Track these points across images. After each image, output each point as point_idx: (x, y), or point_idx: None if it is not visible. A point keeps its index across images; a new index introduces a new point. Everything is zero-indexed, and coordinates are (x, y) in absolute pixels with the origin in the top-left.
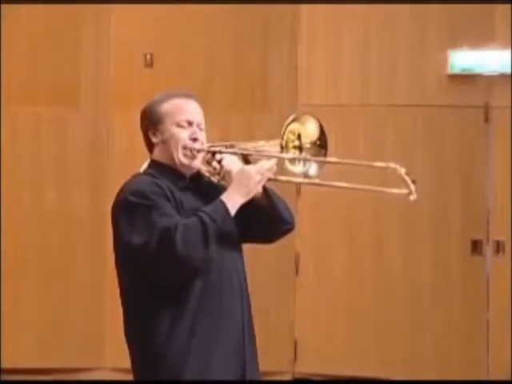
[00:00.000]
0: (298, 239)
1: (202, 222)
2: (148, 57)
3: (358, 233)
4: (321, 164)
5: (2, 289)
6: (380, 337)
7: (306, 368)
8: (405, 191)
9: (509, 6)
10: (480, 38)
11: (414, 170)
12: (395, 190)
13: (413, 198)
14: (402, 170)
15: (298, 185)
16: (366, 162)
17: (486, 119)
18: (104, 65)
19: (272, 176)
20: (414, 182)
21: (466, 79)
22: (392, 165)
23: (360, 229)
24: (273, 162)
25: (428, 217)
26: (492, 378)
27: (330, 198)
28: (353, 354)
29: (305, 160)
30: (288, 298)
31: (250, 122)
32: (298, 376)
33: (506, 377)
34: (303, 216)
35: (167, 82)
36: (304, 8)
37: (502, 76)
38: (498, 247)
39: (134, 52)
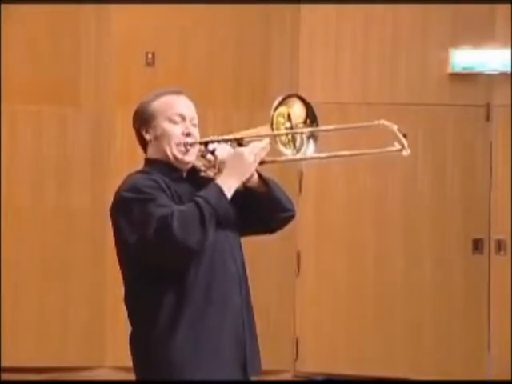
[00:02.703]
0: (299, 238)
1: (198, 206)
2: (149, 55)
3: (359, 232)
4: (314, 142)
5: (1, 287)
6: (381, 336)
7: (306, 367)
8: (397, 147)
9: (509, 5)
10: (481, 37)
11: (415, 168)
12: (388, 149)
13: (406, 153)
14: (394, 127)
15: (299, 182)
16: (356, 124)
17: (488, 118)
18: (105, 63)
19: (267, 158)
20: (404, 135)
21: (467, 78)
22: (383, 122)
23: (361, 228)
24: (266, 141)
25: (429, 215)
26: (493, 374)
27: (331, 197)
28: (354, 352)
29: (294, 133)
30: (289, 297)
31: (251, 120)
32: (298, 375)
33: (507, 374)
34: (304, 215)
35: (168, 80)
36: (305, 6)
37: (503, 75)
38: (500, 246)
39: (135, 51)
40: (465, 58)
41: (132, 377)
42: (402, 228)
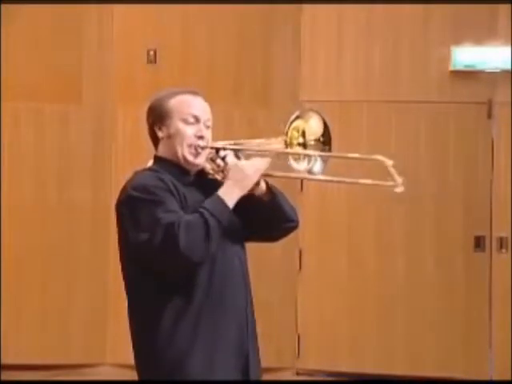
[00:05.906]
0: (301, 236)
1: (204, 219)
2: (151, 53)
3: (360, 229)
4: (325, 161)
5: (3, 284)
6: (382, 333)
7: (308, 364)
8: (391, 183)
9: (511, 3)
10: (482, 35)
11: (416, 166)
12: (381, 182)
13: (399, 190)
14: (389, 162)
15: (301, 181)
16: (353, 155)
17: (489, 115)
18: (107, 61)
19: (268, 171)
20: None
21: (469, 75)
22: (379, 157)
23: (362, 225)
24: (267, 158)
25: (431, 213)
26: (495, 372)
27: (332, 196)
28: (355, 349)
29: (303, 154)
30: (291, 294)
31: (252, 118)
32: (300, 372)
33: (508, 372)
34: (306, 213)
35: (170, 78)
36: (307, 5)
37: (505, 72)
38: (501, 243)
39: (136, 48)
40: (466, 56)
41: (134, 374)
42: (403, 225)
